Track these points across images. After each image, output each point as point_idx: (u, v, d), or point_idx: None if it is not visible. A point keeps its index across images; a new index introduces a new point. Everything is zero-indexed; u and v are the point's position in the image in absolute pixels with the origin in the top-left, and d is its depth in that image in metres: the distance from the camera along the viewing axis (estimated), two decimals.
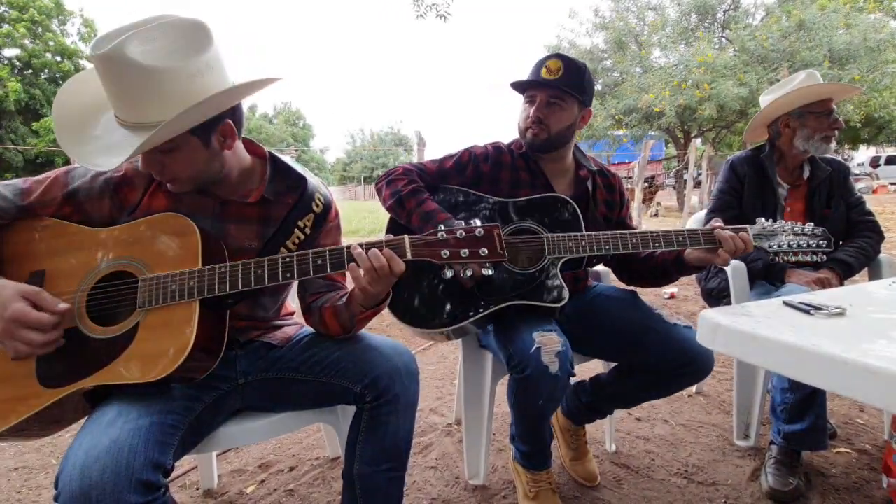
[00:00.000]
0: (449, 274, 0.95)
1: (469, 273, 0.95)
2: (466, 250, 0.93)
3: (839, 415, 1.93)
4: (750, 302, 1.54)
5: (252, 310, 1.14)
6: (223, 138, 1.00)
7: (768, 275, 1.71)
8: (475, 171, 1.43)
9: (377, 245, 0.95)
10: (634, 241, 1.26)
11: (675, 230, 1.26)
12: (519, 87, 1.41)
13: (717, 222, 1.25)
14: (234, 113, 1.01)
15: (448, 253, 0.93)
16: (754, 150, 1.85)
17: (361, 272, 0.95)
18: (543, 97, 1.36)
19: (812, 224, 1.26)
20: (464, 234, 0.94)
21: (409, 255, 0.95)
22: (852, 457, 1.65)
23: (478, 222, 0.95)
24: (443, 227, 0.95)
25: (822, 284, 1.60)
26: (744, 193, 1.79)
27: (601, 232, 1.27)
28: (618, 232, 1.26)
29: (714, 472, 1.59)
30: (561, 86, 1.33)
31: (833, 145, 1.72)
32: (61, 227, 1.01)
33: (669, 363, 1.27)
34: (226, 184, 1.07)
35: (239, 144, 1.08)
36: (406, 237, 0.96)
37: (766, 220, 1.27)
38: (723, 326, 0.79)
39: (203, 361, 0.94)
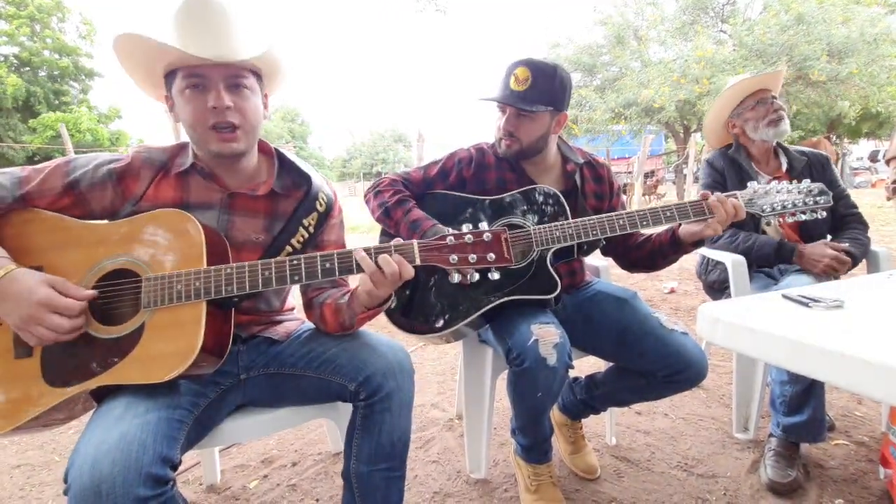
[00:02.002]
0: (456, 278, 0.95)
1: (476, 277, 0.95)
2: (475, 255, 0.93)
3: (837, 407, 1.94)
4: (749, 295, 1.55)
5: (255, 305, 1.15)
6: (264, 104, 1.11)
7: (780, 257, 1.71)
8: (458, 176, 1.44)
9: (386, 250, 0.95)
10: (622, 222, 1.24)
11: (662, 206, 1.24)
12: (487, 99, 1.38)
13: (703, 193, 1.24)
14: None
15: (456, 258, 0.93)
16: (725, 148, 1.93)
17: (369, 276, 0.95)
18: (513, 109, 1.34)
19: (808, 181, 1.23)
20: (472, 238, 0.94)
21: (417, 261, 0.95)
22: (850, 448, 1.67)
23: (485, 226, 0.95)
24: (451, 232, 0.95)
25: (835, 266, 1.60)
26: (727, 185, 1.83)
27: (587, 218, 1.26)
28: (604, 216, 1.25)
29: (714, 465, 1.60)
30: (525, 105, 1.29)
31: (784, 126, 1.76)
32: (58, 220, 0.99)
33: (664, 368, 1.27)
34: (240, 173, 1.09)
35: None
36: (415, 241, 0.96)
37: (759, 183, 1.25)
38: (722, 320, 0.79)
39: (210, 360, 0.94)
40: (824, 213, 1.22)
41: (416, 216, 1.29)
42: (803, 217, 1.22)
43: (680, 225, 1.28)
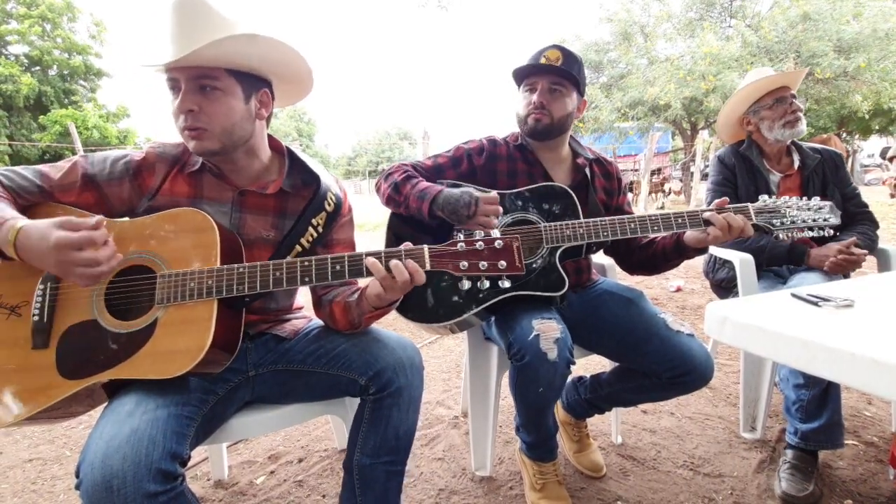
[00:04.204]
0: (466, 285, 0.94)
1: (486, 285, 0.94)
2: (485, 263, 0.92)
3: (847, 407, 1.92)
4: (758, 294, 1.54)
5: (265, 304, 1.16)
6: (259, 105, 1.07)
7: (791, 258, 1.71)
8: (469, 165, 1.44)
9: (397, 255, 0.95)
10: (633, 225, 1.25)
11: (674, 213, 1.25)
12: (521, 73, 1.42)
13: (720, 200, 1.24)
14: (270, 89, 1.09)
15: (466, 265, 0.93)
16: (736, 145, 1.90)
17: (379, 281, 0.95)
18: (545, 84, 1.37)
19: (818, 198, 1.23)
20: (483, 245, 0.93)
21: (427, 266, 0.95)
22: (859, 448, 1.66)
23: (496, 233, 0.95)
24: (462, 239, 0.94)
25: (843, 262, 1.58)
26: (737, 183, 1.82)
27: (598, 218, 1.27)
28: (615, 217, 1.26)
29: (720, 464, 1.59)
30: (562, 73, 1.35)
31: (801, 127, 1.74)
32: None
33: (668, 370, 1.26)
34: (246, 172, 1.10)
35: (265, 130, 1.12)
36: (425, 247, 0.95)
37: (770, 197, 1.25)
38: (731, 319, 0.79)
39: (220, 357, 0.95)
40: (831, 232, 1.23)
41: (423, 186, 1.28)
42: (810, 234, 1.23)
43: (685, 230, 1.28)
